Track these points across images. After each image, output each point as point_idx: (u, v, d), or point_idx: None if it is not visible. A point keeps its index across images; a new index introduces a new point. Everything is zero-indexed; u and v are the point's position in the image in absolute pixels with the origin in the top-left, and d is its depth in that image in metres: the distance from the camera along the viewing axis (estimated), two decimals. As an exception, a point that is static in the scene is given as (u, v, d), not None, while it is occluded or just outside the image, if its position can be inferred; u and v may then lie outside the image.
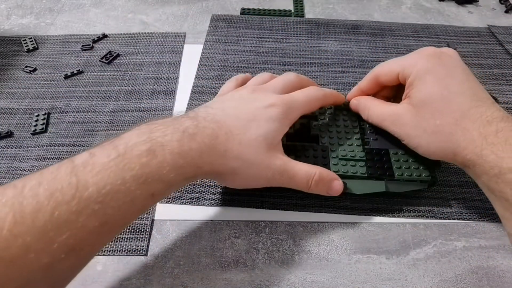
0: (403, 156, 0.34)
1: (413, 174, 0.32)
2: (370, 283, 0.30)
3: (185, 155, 0.26)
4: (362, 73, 0.47)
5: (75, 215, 0.21)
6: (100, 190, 0.22)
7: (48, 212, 0.21)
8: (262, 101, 0.31)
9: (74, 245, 0.22)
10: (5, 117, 0.42)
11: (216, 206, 0.34)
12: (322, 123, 0.37)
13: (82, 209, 0.22)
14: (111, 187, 0.23)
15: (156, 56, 0.49)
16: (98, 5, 0.57)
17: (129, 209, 0.24)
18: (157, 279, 0.30)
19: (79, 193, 0.22)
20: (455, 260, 0.31)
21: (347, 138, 0.35)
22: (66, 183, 0.22)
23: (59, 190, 0.22)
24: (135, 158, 0.24)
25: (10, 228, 0.20)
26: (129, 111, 0.43)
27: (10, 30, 0.53)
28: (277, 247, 0.32)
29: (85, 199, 0.22)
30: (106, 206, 0.22)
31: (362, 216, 0.34)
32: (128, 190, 0.23)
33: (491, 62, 0.49)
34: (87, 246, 0.23)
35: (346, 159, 0.34)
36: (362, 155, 0.34)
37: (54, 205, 0.21)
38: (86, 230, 0.22)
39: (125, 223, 0.25)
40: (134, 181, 0.24)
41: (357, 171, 0.33)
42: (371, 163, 0.33)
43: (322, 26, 0.54)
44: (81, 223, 0.22)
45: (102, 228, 0.23)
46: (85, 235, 0.22)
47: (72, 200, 0.21)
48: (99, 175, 0.23)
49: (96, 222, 0.22)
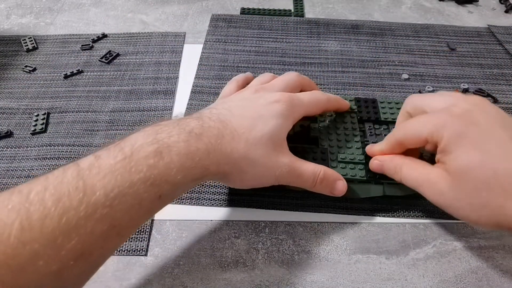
0: None
1: None
2: (370, 283, 0.30)
3: (192, 156, 0.26)
4: (362, 73, 0.47)
5: (84, 220, 0.21)
6: (108, 194, 0.22)
7: (56, 218, 0.20)
8: (266, 99, 0.31)
9: (83, 251, 0.21)
10: (4, 116, 0.42)
11: (216, 206, 0.34)
12: (322, 125, 0.37)
13: (91, 214, 0.21)
14: (119, 190, 0.22)
15: (156, 56, 0.49)
16: (98, 5, 0.57)
17: (137, 212, 0.24)
18: (157, 279, 0.30)
19: (87, 197, 0.21)
20: (455, 260, 0.31)
21: (347, 141, 0.35)
22: (73, 187, 0.21)
23: (66, 195, 0.21)
24: (142, 160, 0.24)
25: (17, 235, 0.20)
26: (129, 111, 0.42)
27: (10, 29, 0.53)
28: (277, 247, 0.32)
29: (93, 203, 0.21)
30: (114, 210, 0.22)
31: (362, 216, 0.34)
32: (136, 193, 0.23)
33: (491, 62, 0.49)
34: (96, 251, 0.22)
35: (346, 162, 0.33)
36: (361, 158, 0.34)
37: (62, 210, 0.21)
38: (95, 235, 0.22)
39: (133, 227, 0.25)
40: (142, 183, 0.23)
41: (356, 174, 0.33)
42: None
43: (322, 26, 0.54)
44: (90, 228, 0.21)
45: (110, 232, 0.22)
46: (94, 240, 0.22)
47: (80, 205, 0.21)
48: (106, 178, 0.22)
49: (104, 227, 0.22)
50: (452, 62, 0.49)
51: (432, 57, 0.49)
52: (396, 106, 0.39)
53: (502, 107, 0.43)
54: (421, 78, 0.46)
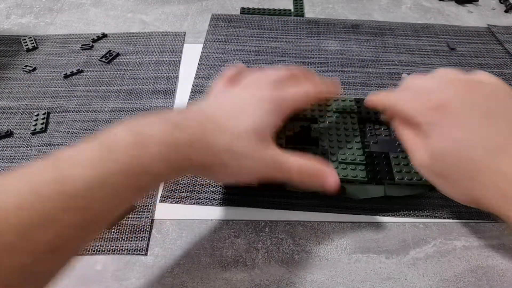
0: (403, 159, 0.33)
1: (413, 178, 0.32)
2: (370, 282, 0.30)
3: (175, 147, 0.25)
4: (362, 72, 0.47)
5: (61, 212, 0.20)
6: (86, 185, 0.21)
7: (32, 209, 0.20)
8: (252, 94, 0.31)
9: (59, 244, 0.21)
10: (4, 116, 0.42)
11: (216, 206, 0.34)
12: (322, 126, 0.36)
13: (68, 205, 0.21)
14: (97, 181, 0.22)
15: (156, 55, 0.49)
16: (98, 5, 0.57)
17: (115, 204, 0.23)
18: (157, 279, 0.30)
19: (64, 188, 0.21)
20: (455, 260, 0.31)
21: (347, 141, 0.35)
22: (51, 178, 0.21)
23: (43, 186, 0.21)
24: (121, 150, 0.23)
25: None
26: (128, 110, 0.43)
27: (10, 29, 0.53)
28: (276, 246, 0.32)
29: (70, 194, 0.21)
30: (92, 201, 0.22)
31: (362, 215, 0.34)
32: (115, 184, 0.22)
33: (491, 62, 0.49)
34: (72, 243, 0.22)
35: (346, 162, 0.33)
36: (362, 159, 0.33)
37: (38, 202, 0.20)
38: (72, 227, 0.21)
39: (109, 218, 0.24)
40: (121, 174, 0.23)
41: (357, 175, 0.32)
42: (371, 167, 0.33)
43: (322, 26, 0.54)
44: (67, 220, 0.21)
45: (87, 224, 0.22)
46: (71, 232, 0.21)
47: (56, 196, 0.20)
48: (85, 169, 0.22)
49: (81, 218, 0.21)
50: (452, 62, 0.49)
51: (432, 57, 0.49)
52: None
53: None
54: (421, 77, 0.46)
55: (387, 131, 0.37)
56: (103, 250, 0.31)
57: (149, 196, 0.35)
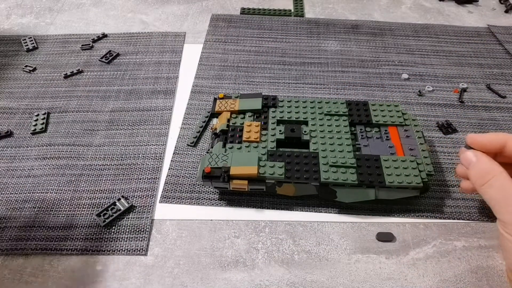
0: (394, 162, 0.33)
1: (404, 181, 0.32)
2: (370, 282, 0.30)
3: None
4: (362, 72, 0.47)
5: None
6: None
7: None
8: None
9: None
10: (5, 116, 0.42)
11: (216, 206, 0.34)
12: (313, 128, 0.36)
13: None
14: None
15: (156, 55, 0.49)
16: (98, 5, 0.57)
17: None
18: (157, 279, 0.30)
19: None
20: (455, 260, 0.31)
21: (338, 145, 0.34)
22: None
23: None
24: None
25: None
26: (128, 110, 0.43)
27: (10, 29, 0.53)
28: (276, 246, 0.32)
29: None
30: None
31: (362, 216, 0.34)
32: None
33: (491, 62, 0.49)
34: None
35: (337, 166, 0.33)
36: (353, 162, 0.33)
37: None
38: None
39: None
40: None
41: (347, 179, 0.32)
42: (362, 170, 0.33)
43: (322, 26, 0.54)
44: None
45: None
46: None
47: None
48: None
49: None
50: (452, 62, 0.49)
51: (432, 57, 0.49)
52: (387, 108, 0.38)
53: (505, 106, 0.43)
54: (421, 78, 0.46)
55: (378, 133, 0.36)
56: (103, 250, 0.31)
57: (149, 196, 0.35)
